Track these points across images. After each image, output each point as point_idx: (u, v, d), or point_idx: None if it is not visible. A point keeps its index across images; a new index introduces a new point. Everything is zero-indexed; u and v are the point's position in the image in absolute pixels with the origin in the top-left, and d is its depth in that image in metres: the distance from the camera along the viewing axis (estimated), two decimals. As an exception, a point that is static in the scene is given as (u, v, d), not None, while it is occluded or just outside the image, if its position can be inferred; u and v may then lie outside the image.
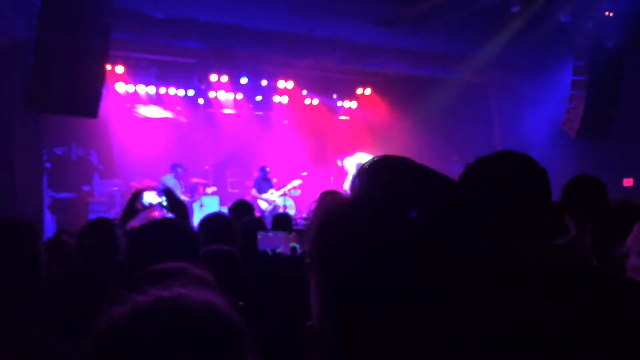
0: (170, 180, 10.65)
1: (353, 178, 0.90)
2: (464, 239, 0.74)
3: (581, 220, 2.77)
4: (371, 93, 14.03)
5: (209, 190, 11.50)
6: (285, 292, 2.56)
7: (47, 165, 10.20)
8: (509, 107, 12.87)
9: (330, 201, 0.82)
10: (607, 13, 10.06)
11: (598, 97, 10.49)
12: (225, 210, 10.63)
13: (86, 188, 10.79)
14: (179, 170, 10.86)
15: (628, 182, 11.84)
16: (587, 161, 11.05)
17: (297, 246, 2.82)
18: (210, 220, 3.49)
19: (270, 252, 2.83)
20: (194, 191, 11.24)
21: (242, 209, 4.58)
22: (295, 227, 5.10)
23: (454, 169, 12.04)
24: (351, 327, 0.73)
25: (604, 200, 2.98)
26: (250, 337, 0.97)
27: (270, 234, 2.97)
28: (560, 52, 10.91)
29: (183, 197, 10.71)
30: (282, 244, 2.88)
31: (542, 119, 11.91)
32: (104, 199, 10.73)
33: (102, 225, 3.45)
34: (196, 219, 10.41)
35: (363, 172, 0.85)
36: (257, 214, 9.09)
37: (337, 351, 0.74)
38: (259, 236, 2.95)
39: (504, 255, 0.77)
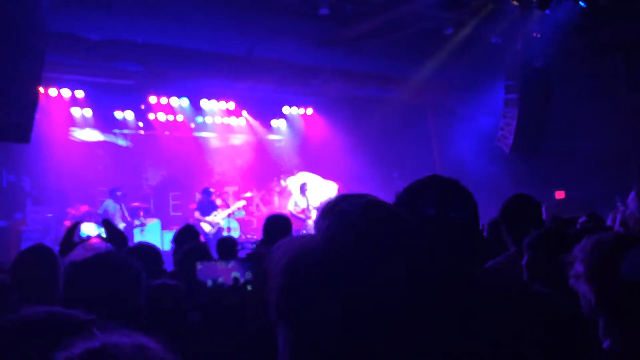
0: (111, 205, 10.43)
1: (318, 218, 0.87)
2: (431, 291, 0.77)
3: (518, 237, 2.90)
4: (313, 113, 14.15)
5: (149, 221, 11.28)
6: (228, 323, 2.47)
7: (-25, 193, 9.71)
8: (446, 126, 13.27)
9: (296, 247, 0.79)
10: (535, 34, 10.54)
11: (529, 114, 10.93)
12: (167, 234, 10.44)
13: (19, 216, 10.31)
14: (118, 193, 10.63)
15: (560, 194, 12.39)
16: (521, 176, 11.50)
17: (239, 275, 2.71)
18: (136, 250, 3.36)
19: (210, 283, 2.71)
20: (135, 215, 10.96)
21: (188, 235, 4.47)
22: (240, 251, 5.03)
23: (396, 185, 12.29)
24: None
25: (539, 217, 3.14)
26: None
27: (211, 263, 2.85)
28: (493, 72, 11.35)
29: (122, 223, 10.44)
30: (223, 274, 2.76)
31: (477, 136, 12.32)
32: (39, 227, 10.29)
33: (40, 252, 3.20)
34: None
35: (328, 213, 0.85)
36: (202, 238, 8.92)
37: None
38: (199, 266, 2.80)
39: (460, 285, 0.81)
